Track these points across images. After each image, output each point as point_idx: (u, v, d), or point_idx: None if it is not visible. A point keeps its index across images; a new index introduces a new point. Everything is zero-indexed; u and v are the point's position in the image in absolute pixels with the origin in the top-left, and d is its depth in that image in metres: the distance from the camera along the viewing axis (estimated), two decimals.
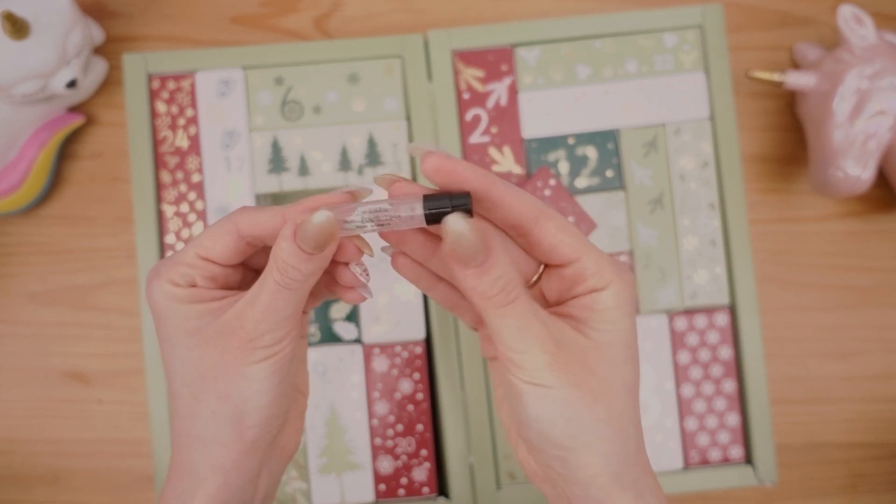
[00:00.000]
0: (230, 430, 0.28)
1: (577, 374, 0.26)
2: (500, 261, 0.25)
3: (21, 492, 0.49)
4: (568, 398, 0.26)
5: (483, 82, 0.46)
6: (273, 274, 0.27)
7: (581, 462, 0.27)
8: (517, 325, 0.26)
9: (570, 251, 0.27)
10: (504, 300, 0.26)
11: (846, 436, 0.50)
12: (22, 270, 0.50)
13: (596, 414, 0.26)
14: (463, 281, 0.26)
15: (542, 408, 0.26)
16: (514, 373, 0.26)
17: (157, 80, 0.46)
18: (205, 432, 0.28)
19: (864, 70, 0.44)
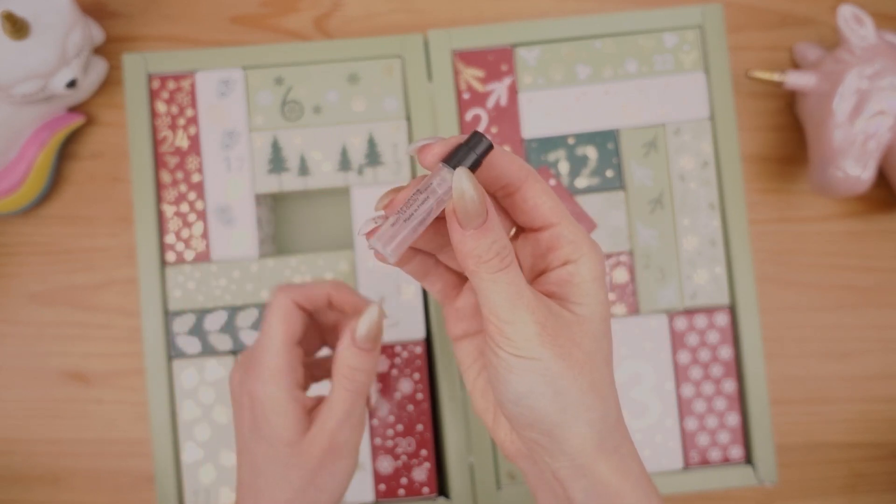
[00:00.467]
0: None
1: (565, 347, 0.26)
2: (496, 225, 0.26)
3: (21, 492, 0.49)
4: (557, 371, 0.26)
5: (483, 82, 0.46)
6: (340, 382, 0.33)
7: (568, 434, 0.27)
8: (509, 292, 0.26)
9: (550, 214, 0.28)
10: (499, 265, 0.26)
11: (846, 436, 0.50)
12: (22, 270, 0.50)
13: (581, 385, 0.27)
14: (460, 243, 0.26)
15: (530, 381, 0.26)
16: (503, 345, 0.26)
17: (157, 80, 0.46)
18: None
19: (864, 70, 0.44)
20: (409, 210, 0.26)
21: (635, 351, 0.46)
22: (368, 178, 0.46)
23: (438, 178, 0.26)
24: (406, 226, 0.26)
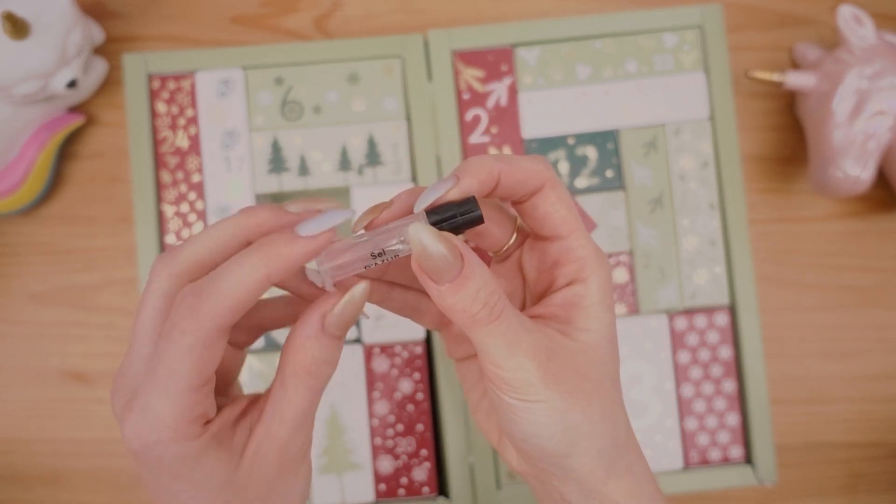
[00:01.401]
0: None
1: (571, 382, 0.25)
2: (476, 272, 0.23)
3: (21, 491, 0.49)
4: (564, 408, 0.25)
5: (483, 82, 0.46)
6: (301, 378, 0.24)
7: (577, 463, 0.26)
8: (505, 342, 0.24)
9: (561, 225, 0.26)
10: (488, 316, 0.23)
11: (846, 436, 0.50)
12: (22, 270, 0.50)
13: (591, 416, 0.25)
14: (438, 299, 0.23)
15: (537, 423, 0.25)
16: (505, 391, 0.25)
17: (158, 80, 0.46)
18: None
19: (863, 70, 0.44)
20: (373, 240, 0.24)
21: (635, 351, 0.46)
22: (368, 178, 0.46)
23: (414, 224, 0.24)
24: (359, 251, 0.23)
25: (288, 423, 0.25)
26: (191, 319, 0.22)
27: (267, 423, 0.25)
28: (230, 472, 0.24)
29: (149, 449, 0.23)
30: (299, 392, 0.24)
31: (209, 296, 0.22)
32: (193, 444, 0.23)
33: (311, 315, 0.24)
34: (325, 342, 0.24)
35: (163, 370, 0.23)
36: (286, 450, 0.25)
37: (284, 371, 0.24)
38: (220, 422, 0.24)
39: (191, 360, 0.23)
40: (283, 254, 0.23)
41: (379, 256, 0.24)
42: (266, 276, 0.23)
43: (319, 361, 0.24)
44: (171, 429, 0.23)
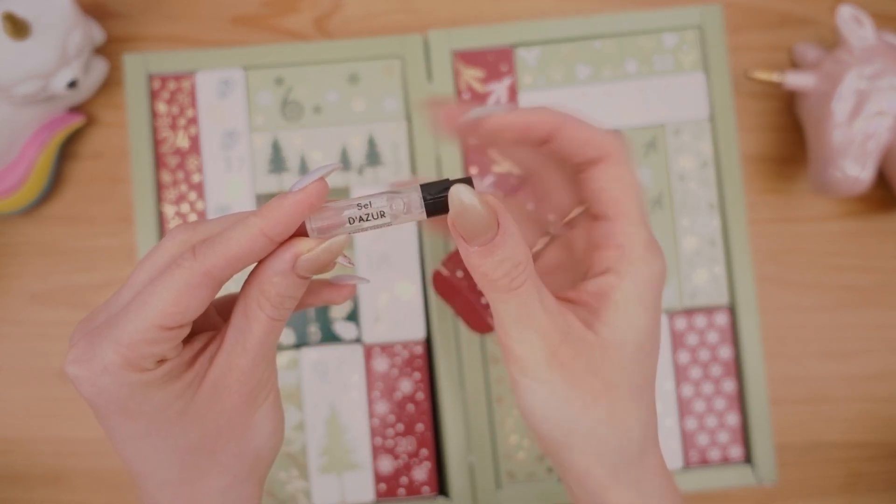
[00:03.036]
0: (253, 482, 0.26)
1: (577, 373, 0.24)
2: (509, 241, 0.23)
3: (21, 491, 0.49)
4: (564, 397, 0.24)
5: (483, 82, 0.46)
6: (265, 310, 0.24)
7: (573, 458, 0.26)
8: (518, 313, 0.24)
9: (611, 205, 0.25)
10: (507, 286, 0.23)
11: (846, 435, 0.50)
12: (22, 270, 0.50)
13: (594, 415, 0.25)
14: (466, 257, 0.23)
15: (534, 402, 0.25)
16: (510, 361, 0.25)
17: (158, 81, 0.46)
18: (228, 500, 0.26)
19: (863, 70, 0.44)
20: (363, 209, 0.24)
21: None
22: (369, 178, 0.46)
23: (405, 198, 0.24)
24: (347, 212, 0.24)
25: (250, 351, 0.24)
26: (187, 259, 0.23)
27: (227, 351, 0.25)
28: (186, 403, 0.24)
29: (94, 380, 0.23)
30: (262, 322, 0.24)
31: (210, 244, 0.23)
32: (143, 375, 0.23)
33: (284, 253, 0.24)
34: (292, 280, 0.24)
35: (138, 301, 0.23)
36: (248, 379, 0.25)
37: (248, 301, 0.24)
38: (178, 360, 0.24)
39: (168, 295, 0.22)
40: (275, 207, 0.23)
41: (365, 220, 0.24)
42: (261, 231, 0.23)
43: (285, 296, 0.24)
44: (122, 357, 0.22)
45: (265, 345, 0.25)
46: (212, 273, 0.23)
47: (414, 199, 0.24)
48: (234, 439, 0.25)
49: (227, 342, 0.25)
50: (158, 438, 0.24)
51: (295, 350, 0.45)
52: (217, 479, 0.26)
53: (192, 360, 0.25)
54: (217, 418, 0.25)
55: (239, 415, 0.25)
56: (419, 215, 0.24)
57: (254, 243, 0.23)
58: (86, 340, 0.23)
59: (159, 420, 0.24)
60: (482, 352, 0.45)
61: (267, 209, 0.23)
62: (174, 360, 0.24)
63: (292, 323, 0.45)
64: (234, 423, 0.25)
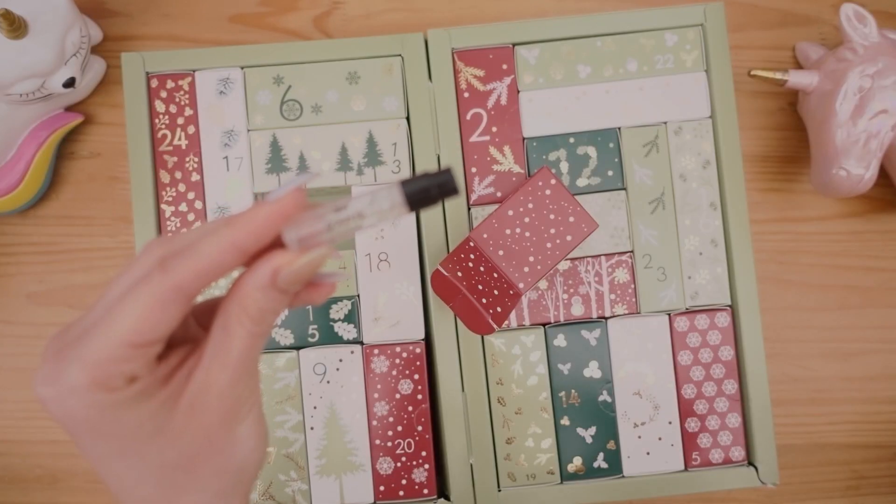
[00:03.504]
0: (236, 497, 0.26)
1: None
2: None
3: (19, 493, 0.49)
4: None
5: (483, 81, 0.46)
6: (245, 325, 0.23)
7: None
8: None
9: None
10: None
11: (848, 437, 0.50)
12: (20, 270, 0.49)
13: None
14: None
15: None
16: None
17: (156, 80, 0.46)
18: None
19: (866, 69, 0.43)
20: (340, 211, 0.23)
21: (636, 351, 0.46)
22: (368, 177, 0.45)
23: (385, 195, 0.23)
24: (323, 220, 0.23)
25: (230, 367, 0.23)
26: (155, 274, 0.22)
27: (206, 368, 0.24)
28: (161, 421, 0.23)
29: (61, 401, 0.22)
30: (242, 338, 0.23)
31: (179, 256, 0.22)
32: (112, 395, 0.22)
33: (263, 267, 0.23)
34: (273, 295, 0.23)
35: (105, 319, 0.22)
36: (228, 396, 0.24)
37: (228, 317, 0.23)
38: (150, 378, 0.23)
39: (136, 311, 0.21)
40: (249, 219, 0.22)
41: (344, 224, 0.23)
42: (232, 243, 0.22)
43: (266, 311, 0.23)
44: (90, 377, 0.21)
45: (246, 360, 0.24)
46: (182, 287, 0.22)
47: (394, 196, 0.23)
48: (215, 456, 0.24)
49: (206, 358, 0.24)
50: (133, 458, 0.24)
51: (294, 351, 0.45)
52: (198, 496, 0.25)
53: (167, 377, 0.24)
54: (195, 436, 0.24)
55: (219, 432, 0.24)
56: (401, 211, 0.23)
57: (225, 256, 0.22)
58: (53, 359, 0.22)
59: (133, 440, 0.23)
60: (482, 352, 0.45)
61: (239, 219, 0.22)
62: (146, 378, 0.23)
63: (292, 324, 0.45)
64: (213, 441, 0.24)
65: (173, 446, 0.24)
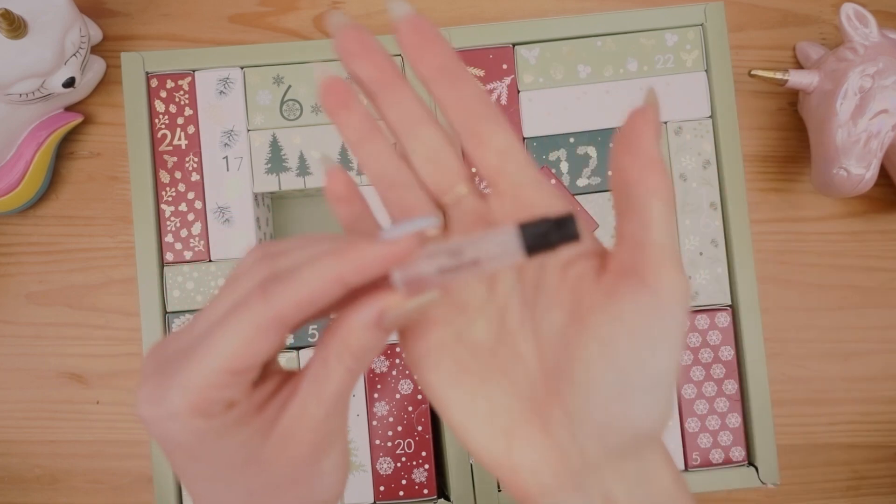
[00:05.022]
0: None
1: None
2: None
3: (19, 493, 0.49)
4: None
5: (483, 81, 0.46)
6: (344, 362, 0.23)
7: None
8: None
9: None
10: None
11: (848, 437, 0.50)
12: (19, 270, 0.49)
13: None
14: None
15: None
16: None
17: (156, 80, 0.46)
18: None
19: (866, 69, 0.43)
20: (455, 256, 0.22)
21: None
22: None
23: (502, 240, 0.22)
24: (438, 262, 0.22)
25: (325, 402, 0.24)
26: (255, 301, 0.22)
27: (303, 400, 0.24)
28: (254, 449, 0.23)
29: (162, 424, 0.22)
30: (341, 373, 0.23)
31: (281, 283, 0.22)
32: (212, 421, 0.22)
33: (371, 307, 0.23)
34: (378, 334, 0.23)
35: (205, 344, 0.22)
36: (320, 430, 0.24)
37: (329, 351, 0.23)
38: (247, 405, 0.23)
39: (238, 341, 0.22)
40: (360, 256, 0.22)
41: (455, 272, 0.22)
42: (338, 277, 0.22)
43: (367, 350, 0.23)
44: (190, 404, 0.22)
45: (341, 396, 0.24)
46: (282, 317, 0.22)
47: (512, 242, 0.22)
48: (299, 487, 0.25)
49: (303, 391, 0.24)
50: (222, 483, 0.24)
51: (294, 351, 0.45)
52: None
53: (262, 405, 0.24)
54: (284, 466, 0.24)
55: (306, 464, 0.24)
56: (519, 258, 0.22)
57: (328, 288, 0.22)
58: (155, 380, 0.23)
59: (225, 466, 0.23)
60: None
61: (349, 253, 0.22)
62: (243, 404, 0.23)
63: None
64: (300, 472, 0.24)
65: (262, 474, 0.24)
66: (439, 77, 0.25)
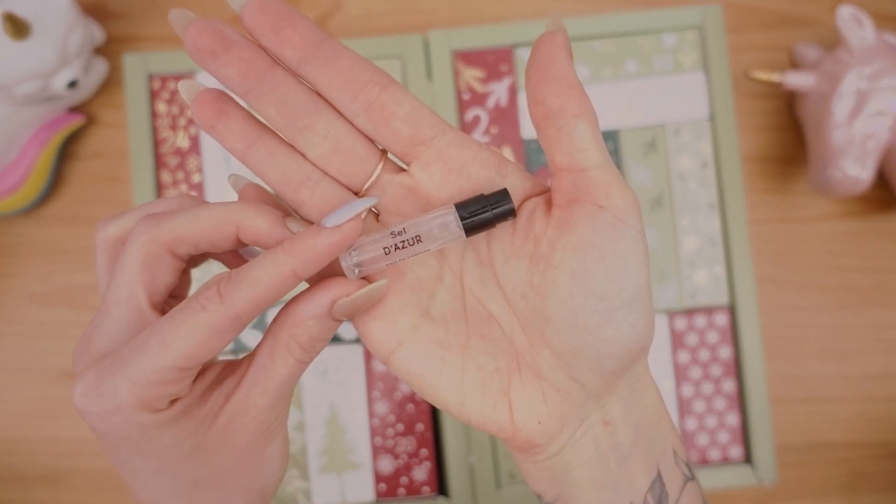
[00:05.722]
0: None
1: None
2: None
3: (22, 491, 0.49)
4: None
5: (483, 82, 0.46)
6: (293, 352, 0.23)
7: None
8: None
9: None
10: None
11: (846, 435, 0.50)
12: (22, 271, 0.50)
13: None
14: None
15: None
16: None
17: (158, 81, 0.46)
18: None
19: (863, 70, 0.44)
20: (398, 236, 0.23)
21: None
22: None
23: (440, 221, 0.23)
24: (382, 244, 0.23)
25: (271, 392, 0.24)
26: (212, 302, 0.22)
27: (246, 390, 0.24)
28: (198, 440, 0.23)
29: (105, 417, 0.22)
30: (288, 365, 0.23)
31: (237, 285, 0.22)
32: (156, 416, 0.22)
33: (321, 296, 0.23)
34: (327, 323, 0.23)
35: (155, 341, 0.22)
36: (265, 419, 0.24)
37: (276, 342, 0.23)
38: (190, 398, 0.23)
39: (192, 339, 0.21)
40: (309, 247, 0.22)
41: (401, 249, 0.23)
42: (292, 272, 0.22)
43: (316, 340, 0.23)
44: (137, 397, 0.22)
45: (287, 387, 0.24)
46: (238, 317, 0.22)
47: (450, 221, 0.23)
48: (244, 475, 0.25)
49: (248, 380, 0.24)
50: (167, 475, 0.24)
51: None
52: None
53: (204, 396, 0.24)
54: (229, 455, 0.24)
55: (250, 452, 0.24)
56: (457, 236, 0.23)
57: (283, 284, 0.22)
58: (95, 372, 0.22)
59: (170, 458, 0.23)
60: None
61: (298, 247, 0.22)
62: (187, 398, 0.23)
63: None
64: (244, 460, 0.24)
65: (206, 464, 0.24)
66: (309, 54, 0.23)
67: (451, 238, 0.23)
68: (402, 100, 0.24)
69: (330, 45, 0.23)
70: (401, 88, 0.24)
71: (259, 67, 0.24)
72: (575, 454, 0.25)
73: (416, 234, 0.23)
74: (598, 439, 0.25)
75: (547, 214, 0.24)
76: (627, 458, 0.25)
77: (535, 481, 0.26)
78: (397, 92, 0.24)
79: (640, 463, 0.26)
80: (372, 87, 0.23)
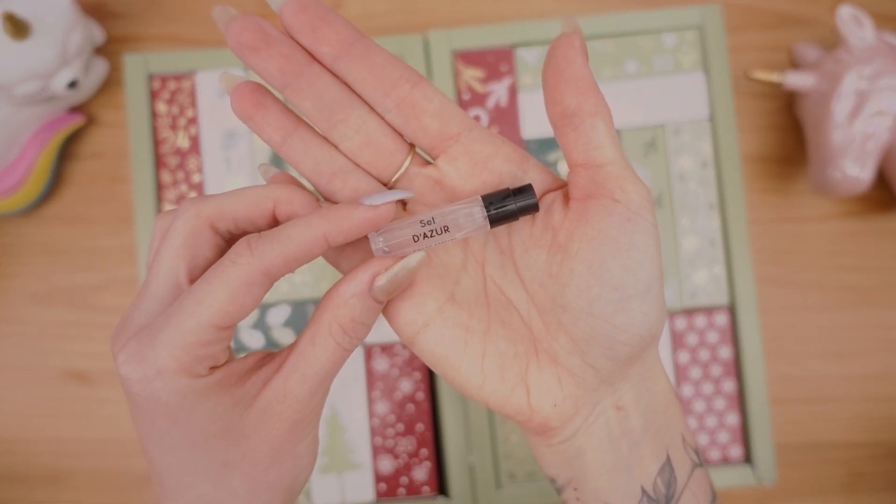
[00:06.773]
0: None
1: None
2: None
3: (22, 491, 0.49)
4: None
5: (483, 83, 0.46)
6: (335, 336, 0.23)
7: None
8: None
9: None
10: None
11: (845, 435, 0.50)
12: (23, 270, 0.50)
13: None
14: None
15: None
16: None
17: (158, 81, 0.46)
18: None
19: (862, 71, 0.44)
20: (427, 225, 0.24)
21: None
22: None
23: (467, 212, 0.24)
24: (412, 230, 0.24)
25: (310, 380, 0.23)
26: (245, 254, 0.22)
27: (286, 376, 0.23)
28: (233, 420, 0.23)
29: (147, 383, 0.22)
30: (329, 350, 0.23)
31: (268, 240, 0.22)
32: (197, 381, 0.22)
33: (362, 274, 0.23)
34: (369, 304, 0.23)
35: (190, 301, 0.22)
36: (301, 409, 0.24)
37: (319, 326, 0.23)
38: (229, 370, 0.23)
39: (225, 293, 0.22)
40: (344, 216, 0.23)
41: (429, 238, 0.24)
42: (324, 235, 0.22)
43: (358, 322, 0.24)
44: (178, 360, 0.22)
45: (327, 375, 0.24)
46: (269, 271, 0.22)
47: (476, 212, 0.24)
48: (274, 468, 0.25)
49: (288, 367, 0.24)
50: (200, 452, 0.24)
51: None
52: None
53: (243, 378, 0.24)
54: (261, 443, 0.24)
55: (283, 443, 0.24)
56: (482, 227, 0.24)
57: (313, 245, 0.22)
58: (136, 341, 0.22)
59: (204, 433, 0.23)
60: None
61: (334, 214, 0.23)
62: (225, 369, 0.23)
63: (293, 322, 0.45)
64: (277, 452, 0.24)
65: (239, 447, 0.24)
66: (344, 52, 0.24)
67: (475, 228, 0.24)
68: (432, 96, 0.25)
69: (364, 43, 0.24)
70: (430, 85, 0.25)
71: (297, 63, 0.24)
72: (588, 438, 0.26)
73: (444, 224, 0.24)
74: (610, 424, 0.26)
75: (565, 207, 0.25)
76: (638, 443, 0.26)
77: (548, 465, 0.27)
78: (427, 89, 0.25)
79: (651, 448, 0.26)
80: (403, 84, 0.24)
